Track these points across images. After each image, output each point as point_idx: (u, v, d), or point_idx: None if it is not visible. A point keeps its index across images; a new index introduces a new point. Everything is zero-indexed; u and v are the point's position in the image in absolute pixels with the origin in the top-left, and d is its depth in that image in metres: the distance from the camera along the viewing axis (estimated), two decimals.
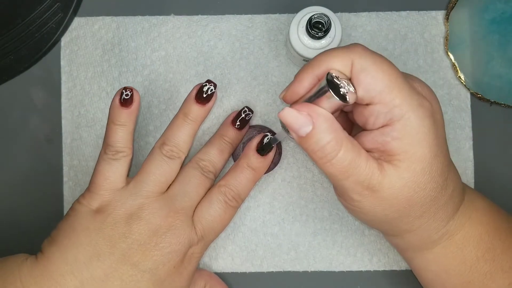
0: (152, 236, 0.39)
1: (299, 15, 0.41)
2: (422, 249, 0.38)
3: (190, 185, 0.41)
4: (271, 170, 0.45)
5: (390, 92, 0.33)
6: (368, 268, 0.46)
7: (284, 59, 0.46)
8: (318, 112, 0.33)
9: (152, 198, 0.40)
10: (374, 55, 0.34)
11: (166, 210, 0.40)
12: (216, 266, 0.46)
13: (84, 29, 0.47)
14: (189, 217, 0.40)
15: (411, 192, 0.34)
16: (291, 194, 0.46)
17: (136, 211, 0.39)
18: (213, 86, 0.42)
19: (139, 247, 0.39)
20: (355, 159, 0.33)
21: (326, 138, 0.33)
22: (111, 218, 0.39)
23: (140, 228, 0.39)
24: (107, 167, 0.40)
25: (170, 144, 0.41)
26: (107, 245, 0.38)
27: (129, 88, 0.41)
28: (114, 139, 0.40)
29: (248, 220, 0.46)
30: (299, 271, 0.46)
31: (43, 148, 0.46)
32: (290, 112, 0.33)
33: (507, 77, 0.45)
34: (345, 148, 0.33)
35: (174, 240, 0.39)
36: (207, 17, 0.47)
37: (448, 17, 0.46)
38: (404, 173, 0.33)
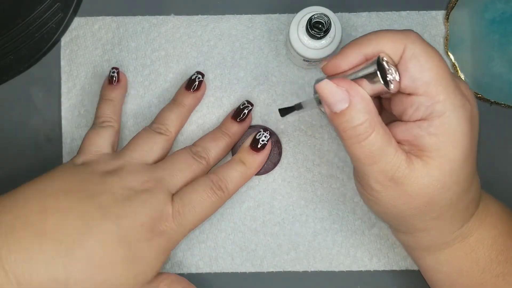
0: (125, 190, 0.38)
1: (299, 15, 0.41)
2: (433, 249, 0.38)
3: (175, 162, 0.41)
4: (271, 170, 0.45)
5: (436, 85, 0.32)
6: (368, 268, 0.46)
7: (284, 59, 0.46)
8: (357, 91, 0.32)
9: (134, 162, 0.40)
10: (427, 45, 0.33)
11: (145, 176, 0.39)
12: (216, 266, 0.46)
13: (84, 29, 0.47)
14: (167, 190, 0.39)
15: (435, 191, 0.33)
16: (291, 194, 0.46)
17: (114, 170, 0.39)
18: (200, 75, 0.44)
19: (110, 196, 0.37)
20: (385, 146, 0.32)
21: (360, 119, 0.32)
22: (89, 169, 0.39)
23: (114, 181, 0.38)
24: (94, 133, 0.42)
25: (158, 122, 0.43)
26: (78, 186, 0.37)
27: (116, 67, 0.45)
28: (102, 111, 0.43)
29: (248, 220, 0.46)
30: (299, 271, 0.46)
31: (43, 148, 0.46)
32: (329, 85, 0.32)
33: (507, 77, 0.45)
34: (377, 133, 0.32)
35: (147, 201, 0.38)
36: (207, 17, 0.47)
37: (448, 17, 0.46)
38: (433, 170, 0.32)
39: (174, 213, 0.39)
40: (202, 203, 0.40)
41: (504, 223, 0.38)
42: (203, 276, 0.46)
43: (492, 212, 0.38)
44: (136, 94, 0.46)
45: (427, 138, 0.32)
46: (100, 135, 0.42)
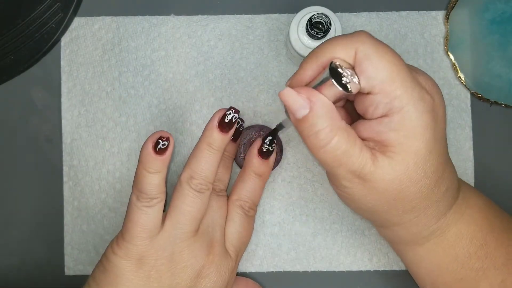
0: (197, 279, 0.39)
1: (299, 15, 0.41)
2: (412, 243, 0.38)
3: (214, 212, 0.41)
4: (273, 168, 0.45)
5: (391, 82, 0.32)
6: (368, 268, 0.46)
7: (284, 59, 0.46)
8: (317, 97, 0.33)
9: (191, 239, 0.39)
10: (378, 43, 0.33)
11: (204, 248, 0.39)
12: None
13: (84, 29, 0.47)
14: (223, 246, 0.41)
15: (402, 185, 0.33)
16: (291, 194, 0.46)
17: (177, 257, 0.38)
18: (237, 114, 0.40)
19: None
20: (349, 148, 0.33)
21: (322, 124, 0.33)
22: (154, 272, 0.38)
23: (185, 275, 0.39)
24: (143, 216, 0.38)
25: (199, 178, 0.39)
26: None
27: (165, 137, 0.38)
28: (148, 187, 0.38)
29: None
30: (299, 271, 0.46)
31: (43, 148, 0.46)
32: (290, 92, 0.33)
33: (507, 77, 0.45)
34: (339, 137, 0.33)
35: (218, 278, 0.40)
36: (207, 17, 0.47)
37: (448, 17, 0.46)
38: (397, 165, 0.33)
39: (234, 261, 0.41)
40: (246, 233, 0.42)
41: (484, 216, 0.38)
42: None
43: (471, 205, 0.38)
44: (136, 94, 0.46)
45: (389, 134, 0.33)
46: (150, 217, 0.38)
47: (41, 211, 0.46)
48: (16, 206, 0.46)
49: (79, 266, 0.46)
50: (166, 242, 0.38)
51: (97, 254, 0.46)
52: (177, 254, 0.38)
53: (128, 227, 0.38)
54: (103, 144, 0.46)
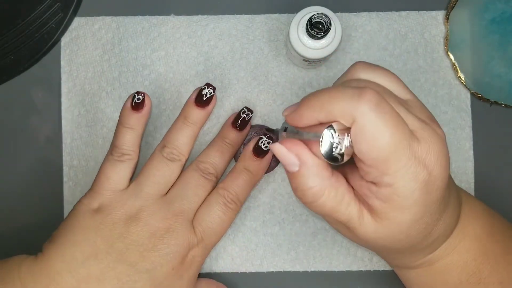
0: (150, 238, 0.39)
1: (299, 15, 0.41)
2: (402, 267, 0.39)
3: (189, 187, 0.41)
4: (273, 169, 0.45)
5: (384, 162, 0.30)
6: (368, 268, 0.46)
7: (284, 59, 0.46)
8: (306, 156, 0.32)
9: (152, 200, 0.40)
10: (379, 116, 0.30)
11: (165, 212, 0.40)
12: (216, 266, 0.46)
13: (84, 29, 0.47)
14: (188, 220, 0.40)
15: (385, 243, 0.33)
16: (291, 194, 0.46)
17: (135, 213, 0.40)
18: (212, 89, 0.42)
19: (136, 248, 0.39)
20: (336, 205, 0.33)
21: (309, 184, 0.32)
22: (109, 218, 0.39)
23: (138, 229, 0.39)
24: (111, 167, 0.41)
25: (170, 146, 0.42)
26: (105, 245, 0.39)
27: (141, 92, 0.41)
28: (122, 141, 0.41)
29: (248, 220, 0.46)
30: (299, 271, 0.46)
31: (43, 148, 0.46)
32: (281, 148, 0.33)
33: (507, 77, 0.45)
34: (327, 197, 0.33)
35: (173, 241, 0.39)
36: (207, 17, 0.47)
37: (448, 17, 0.46)
38: (379, 229, 0.33)
39: (198, 241, 0.41)
40: (220, 223, 0.41)
41: (481, 245, 0.38)
42: (203, 276, 0.46)
43: (469, 234, 0.37)
44: None
45: (375, 201, 0.32)
46: (118, 169, 0.41)
47: (41, 211, 0.46)
48: (16, 206, 0.46)
49: None
50: (127, 197, 0.40)
51: None
52: (134, 210, 0.40)
53: (96, 178, 0.41)
54: (103, 144, 0.46)
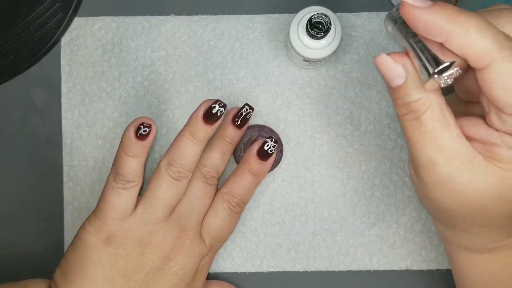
0: (165, 261, 0.39)
1: (299, 15, 0.41)
2: (471, 250, 0.35)
3: (195, 199, 0.41)
4: (273, 168, 0.45)
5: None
6: (368, 268, 0.46)
7: (284, 59, 0.46)
8: (411, 69, 0.30)
9: (163, 223, 0.40)
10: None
11: (175, 232, 0.40)
12: (216, 266, 0.46)
13: (84, 29, 0.47)
14: (197, 233, 0.41)
15: (490, 199, 0.30)
16: (291, 194, 0.46)
17: (147, 239, 0.39)
18: (222, 107, 0.40)
19: (154, 275, 0.39)
20: (439, 129, 0.29)
21: (415, 96, 0.29)
22: (122, 250, 0.39)
23: (153, 256, 0.39)
24: (117, 196, 0.39)
25: (177, 165, 0.40)
26: (123, 279, 0.38)
27: (147, 124, 0.39)
28: (125, 170, 0.39)
29: (248, 220, 0.46)
30: (299, 271, 0.46)
31: (43, 148, 0.46)
32: (386, 60, 0.30)
33: None
34: (432, 114, 0.29)
35: (186, 260, 0.40)
36: (207, 17, 0.47)
37: None
38: (494, 177, 0.29)
39: (208, 250, 0.41)
40: (227, 228, 0.42)
41: None
42: None
43: None
44: (136, 94, 0.46)
45: (504, 150, 0.29)
46: (123, 198, 0.39)
47: (41, 211, 0.46)
48: (16, 206, 0.46)
49: None
50: (136, 224, 0.39)
51: None
52: (146, 236, 0.39)
53: (100, 206, 0.39)
54: (103, 144, 0.46)
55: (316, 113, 0.46)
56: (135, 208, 0.39)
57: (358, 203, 0.46)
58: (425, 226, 0.46)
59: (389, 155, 0.46)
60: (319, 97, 0.46)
